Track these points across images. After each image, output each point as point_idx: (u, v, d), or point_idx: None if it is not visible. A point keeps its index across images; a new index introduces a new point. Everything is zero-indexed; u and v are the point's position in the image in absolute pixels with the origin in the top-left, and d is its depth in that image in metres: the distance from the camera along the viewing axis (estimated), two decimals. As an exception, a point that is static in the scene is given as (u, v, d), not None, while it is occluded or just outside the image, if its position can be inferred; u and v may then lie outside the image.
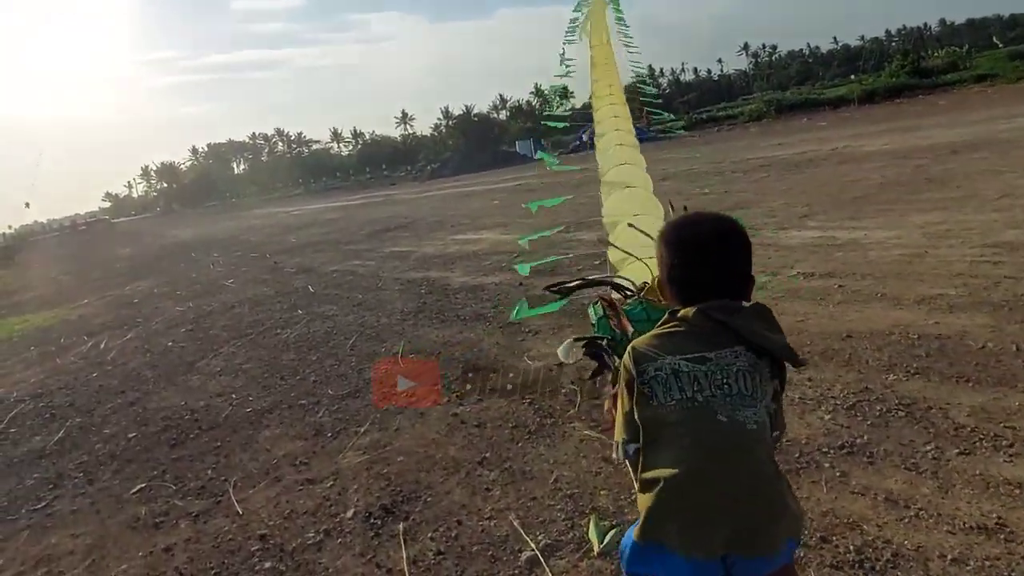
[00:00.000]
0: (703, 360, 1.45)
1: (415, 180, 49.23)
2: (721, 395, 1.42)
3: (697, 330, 1.49)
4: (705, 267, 1.54)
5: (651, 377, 1.47)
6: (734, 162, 16.82)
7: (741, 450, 1.41)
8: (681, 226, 1.63)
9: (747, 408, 1.42)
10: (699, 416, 1.42)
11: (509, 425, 4.07)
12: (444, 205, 20.12)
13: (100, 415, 5.99)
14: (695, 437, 1.42)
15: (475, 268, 9.00)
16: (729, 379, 1.43)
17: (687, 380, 1.44)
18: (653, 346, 1.51)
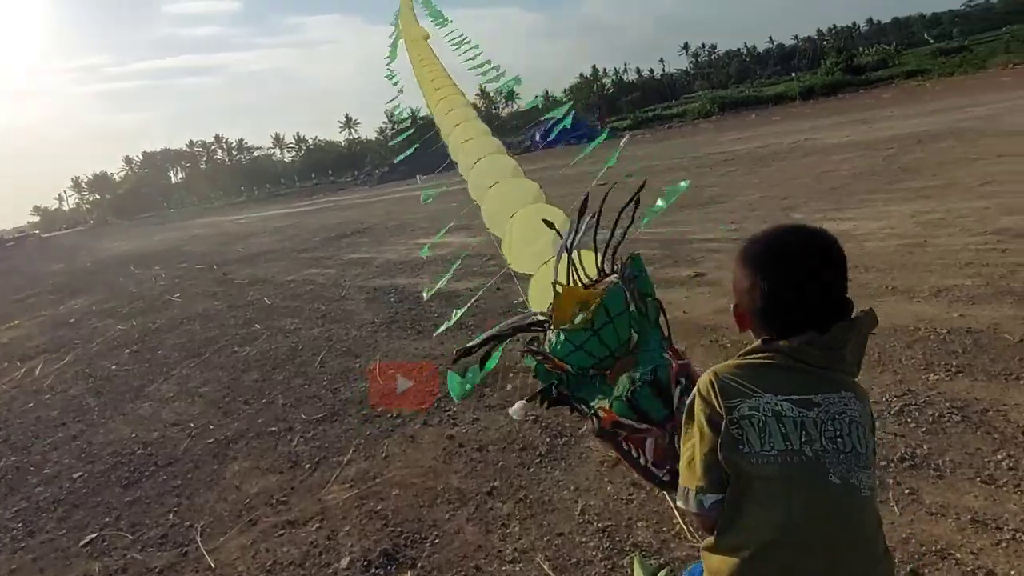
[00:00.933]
0: (810, 405, 1.18)
1: (363, 184, 48.27)
2: (834, 451, 1.16)
3: (802, 367, 1.21)
4: (808, 290, 1.23)
5: (743, 417, 1.19)
6: (695, 157, 16.74)
7: (853, 522, 1.16)
8: (773, 241, 1.30)
9: (862, 470, 1.17)
10: (806, 474, 1.15)
11: (515, 447, 3.64)
12: (400, 208, 19.50)
13: (38, 452, 5.31)
14: (801, 499, 1.15)
15: (446, 272, 8.53)
16: (842, 431, 1.17)
17: (791, 427, 1.17)
18: (745, 379, 1.22)
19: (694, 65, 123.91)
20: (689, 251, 7.06)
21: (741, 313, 1.34)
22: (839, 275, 1.26)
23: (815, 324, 1.21)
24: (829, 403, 1.19)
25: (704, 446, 1.24)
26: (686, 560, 2.52)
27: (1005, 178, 7.59)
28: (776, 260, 1.26)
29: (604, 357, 1.83)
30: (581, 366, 1.84)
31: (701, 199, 10.14)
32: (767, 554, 1.15)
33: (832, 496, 1.14)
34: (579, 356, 1.83)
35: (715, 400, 1.22)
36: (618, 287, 1.88)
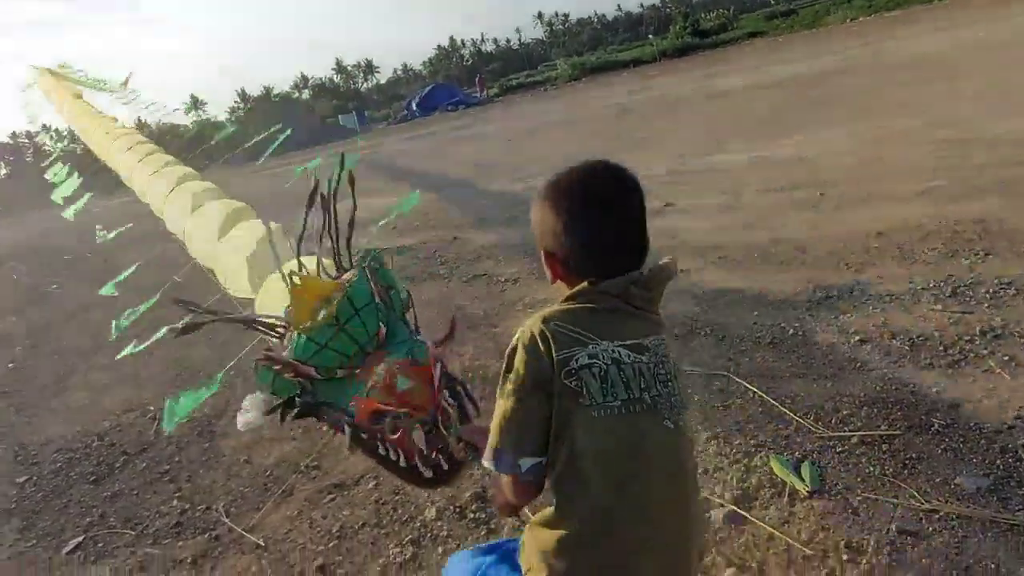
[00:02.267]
0: (642, 349, 1.14)
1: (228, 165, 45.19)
2: (667, 394, 1.14)
3: (630, 310, 1.17)
4: (628, 229, 1.20)
5: (582, 367, 1.10)
6: (591, 109, 16.88)
7: (688, 465, 1.17)
8: (587, 180, 1.22)
9: (685, 412, 1.17)
10: (645, 422, 1.11)
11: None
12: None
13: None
14: (647, 452, 1.10)
15: (383, 231, 8.03)
16: (670, 374, 1.15)
17: (632, 375, 1.12)
18: (579, 325, 1.14)
19: (549, 34, 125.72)
20: (644, 187, 7.02)
21: (555, 260, 1.22)
22: (644, 211, 1.22)
23: (635, 264, 1.18)
24: (656, 346, 1.16)
25: (527, 403, 1.13)
26: (816, 453, 2.43)
27: (918, 100, 8.14)
28: (595, 200, 1.18)
29: (353, 353, 1.72)
30: (328, 366, 1.71)
31: (629, 143, 10.19)
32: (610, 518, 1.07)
33: (674, 444, 1.13)
34: (326, 356, 1.69)
35: (545, 351, 1.11)
36: (362, 278, 1.79)
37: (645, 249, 1.21)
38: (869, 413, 2.58)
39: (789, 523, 2.14)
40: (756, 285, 3.93)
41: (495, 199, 8.31)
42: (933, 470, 2.23)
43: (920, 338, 2.96)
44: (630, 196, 1.20)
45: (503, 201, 8.05)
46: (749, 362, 3.12)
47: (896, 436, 2.42)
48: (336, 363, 1.70)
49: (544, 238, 1.22)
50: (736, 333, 3.40)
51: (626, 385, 1.10)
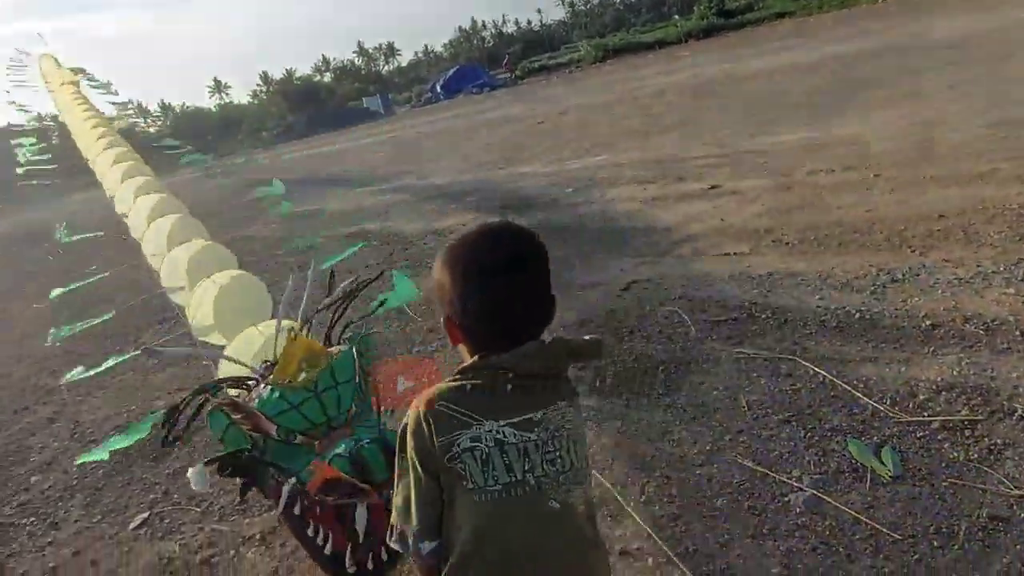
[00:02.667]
0: (531, 426, 1.12)
1: (255, 148, 45.49)
2: (554, 473, 1.12)
3: (523, 382, 1.13)
4: (523, 298, 1.14)
5: (464, 450, 1.09)
6: (621, 91, 16.68)
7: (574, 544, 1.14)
8: (481, 245, 1.17)
9: (577, 488, 1.14)
10: (528, 505, 1.09)
11: (628, 359, 3.39)
12: (319, 166, 18.34)
13: (13, 441, 4.55)
14: (523, 531, 1.10)
15: (420, 213, 8.04)
16: (561, 449, 1.13)
17: (515, 456, 1.10)
18: (463, 405, 1.12)
19: (571, 15, 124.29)
20: (687, 168, 6.95)
21: (453, 325, 1.18)
22: (546, 277, 1.17)
23: (531, 334, 1.14)
24: (548, 419, 1.13)
25: (420, 486, 1.13)
26: (896, 438, 2.39)
27: (965, 81, 7.90)
28: (487, 268, 1.12)
29: (319, 424, 1.71)
30: (291, 428, 1.72)
31: (663, 126, 10.07)
32: None
33: (552, 523, 1.10)
34: (291, 417, 1.71)
35: (429, 435, 1.10)
36: (350, 354, 1.80)
37: (545, 318, 1.17)
38: (948, 398, 2.53)
39: (873, 508, 2.11)
40: (816, 268, 3.86)
41: (535, 180, 8.26)
42: (1021, 456, 2.18)
43: (995, 323, 2.89)
44: (526, 264, 1.14)
45: (542, 183, 8.00)
46: (815, 346, 3.07)
47: (979, 422, 2.37)
48: (300, 427, 1.70)
49: (443, 302, 1.18)
50: (799, 317, 3.35)
51: (508, 468, 1.09)
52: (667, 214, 5.58)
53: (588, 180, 7.48)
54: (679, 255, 4.60)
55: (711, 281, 4.03)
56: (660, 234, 5.12)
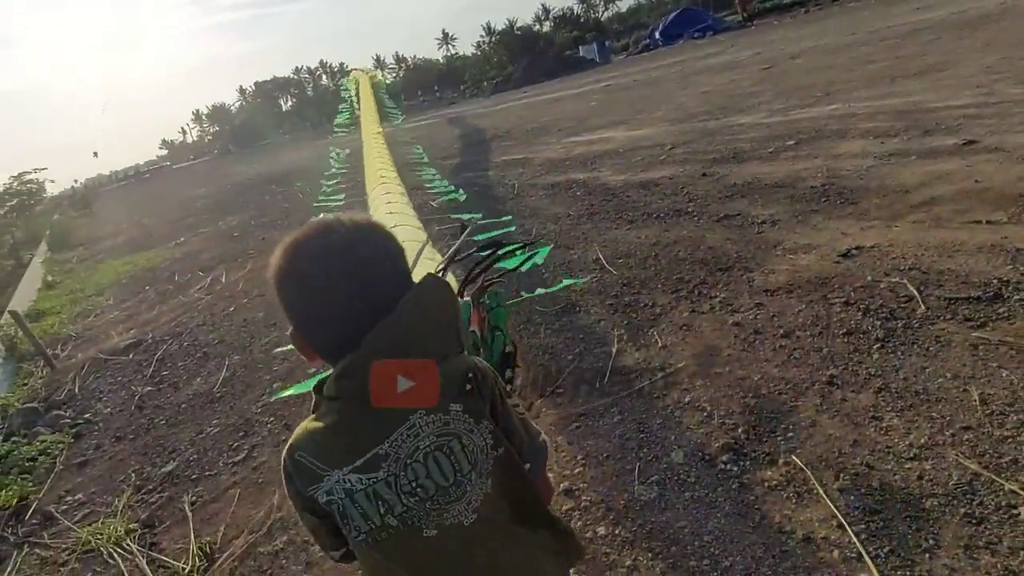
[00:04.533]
0: (376, 464, 0.97)
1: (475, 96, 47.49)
2: (417, 503, 0.98)
3: (348, 414, 0.98)
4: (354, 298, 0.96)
5: (325, 503, 0.98)
6: (870, 31, 14.74)
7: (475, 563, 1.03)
8: (293, 249, 0.98)
9: (456, 503, 1.00)
10: (403, 543, 0.99)
11: (836, 332, 3.09)
12: (533, 113, 18.71)
13: (259, 351, 5.35)
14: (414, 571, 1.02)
15: (626, 165, 7.88)
16: (419, 477, 0.98)
17: (367, 503, 0.97)
18: (311, 455, 0.99)
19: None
20: (938, 119, 6.01)
21: (298, 338, 1.02)
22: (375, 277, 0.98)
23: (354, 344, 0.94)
24: (398, 446, 0.98)
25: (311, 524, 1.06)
26: None
27: None
28: (295, 274, 0.97)
29: None
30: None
31: (913, 69, 8.75)
32: None
33: (434, 550, 1.01)
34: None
35: (300, 483, 1.00)
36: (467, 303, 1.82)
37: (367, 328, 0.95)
38: None
39: None
40: (1096, 244, 3.18)
41: (752, 132, 7.69)
42: None
43: None
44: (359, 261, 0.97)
45: (761, 135, 7.42)
46: (1086, 338, 2.56)
47: None
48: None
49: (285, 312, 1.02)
50: (1068, 302, 2.80)
51: (364, 516, 0.98)
52: (906, 172, 4.90)
53: (815, 132, 6.78)
54: (916, 220, 4.04)
55: (952, 252, 3.50)
56: (894, 195, 4.52)
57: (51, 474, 4.40)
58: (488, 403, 1.06)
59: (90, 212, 39.98)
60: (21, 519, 3.92)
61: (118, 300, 9.93)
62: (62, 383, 6.28)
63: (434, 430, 1.00)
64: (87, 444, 4.77)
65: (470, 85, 56.84)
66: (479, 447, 1.03)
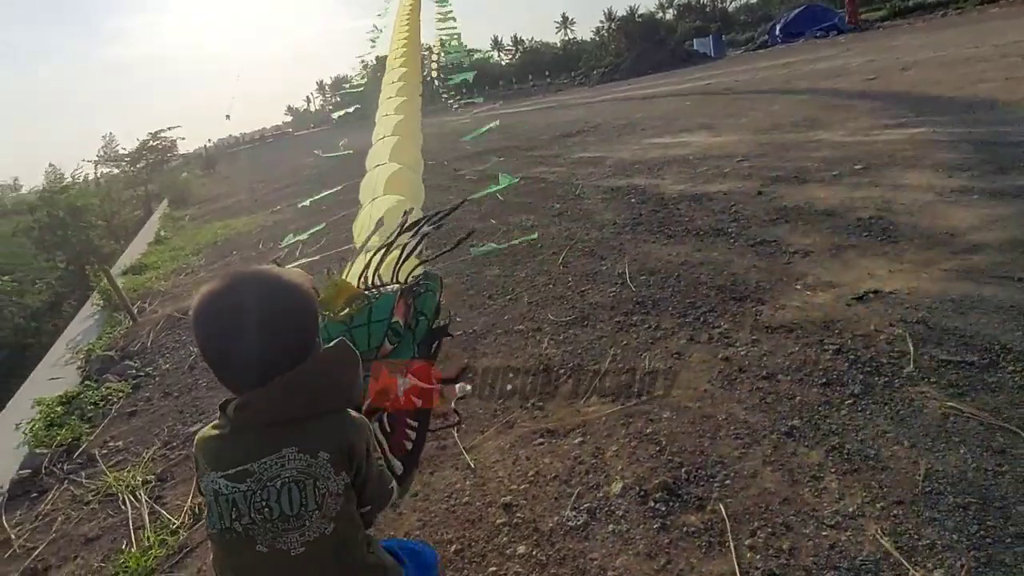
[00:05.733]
0: (244, 476, 1.19)
1: (582, 85, 47.11)
2: (262, 521, 1.18)
3: (237, 433, 1.21)
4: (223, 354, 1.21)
5: (204, 491, 1.25)
6: (996, 45, 13.52)
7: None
8: (202, 297, 1.21)
9: (294, 531, 1.19)
10: (238, 549, 1.21)
11: (815, 380, 3.01)
12: (627, 109, 18.46)
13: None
14: (236, 572, 1.25)
15: (690, 175, 7.72)
16: (271, 499, 1.18)
17: (225, 506, 1.20)
18: (201, 453, 1.26)
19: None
20: (1022, 155, 5.55)
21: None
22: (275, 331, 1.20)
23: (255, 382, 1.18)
24: (265, 469, 1.18)
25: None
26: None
27: None
28: (199, 318, 1.20)
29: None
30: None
31: (1021, 94, 8.03)
32: None
33: (259, 565, 1.20)
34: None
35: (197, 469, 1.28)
36: (390, 297, 1.85)
37: (270, 367, 1.17)
38: None
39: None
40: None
41: (826, 150, 7.35)
42: None
43: None
44: (237, 327, 1.18)
45: (833, 154, 7.08)
46: (1061, 424, 2.39)
47: None
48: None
49: None
50: (1060, 380, 2.61)
51: (220, 516, 1.20)
52: (961, 213, 4.58)
53: (887, 157, 6.41)
54: (948, 268, 3.81)
55: (969, 308, 3.30)
56: (938, 238, 4.26)
57: (104, 419, 4.93)
58: (355, 463, 1.26)
59: (213, 172, 43.02)
60: (70, 457, 4.44)
61: (208, 261, 10.78)
62: (139, 336, 6.94)
63: (298, 466, 1.19)
64: (140, 396, 5.29)
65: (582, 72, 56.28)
66: (331, 493, 1.21)
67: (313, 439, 1.22)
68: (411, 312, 1.92)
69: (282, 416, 1.21)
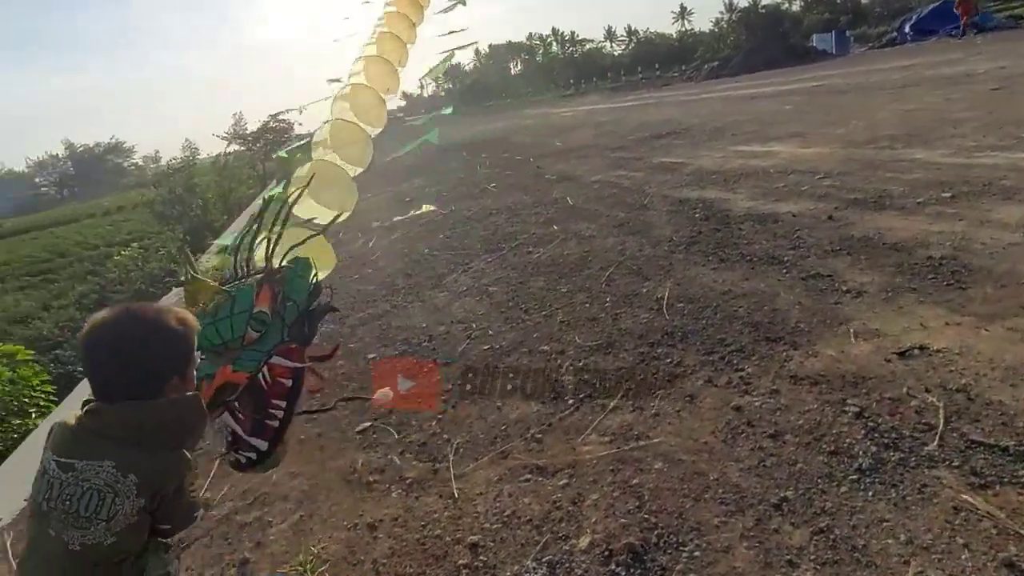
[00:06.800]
0: (68, 468, 1.44)
1: (690, 80, 45.61)
2: (61, 510, 1.43)
3: (80, 431, 1.49)
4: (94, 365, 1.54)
5: (41, 462, 1.52)
6: None
7: (52, 566, 1.44)
8: (96, 316, 1.56)
9: (77, 529, 1.42)
10: (39, 523, 1.47)
11: (823, 447, 2.76)
12: (725, 109, 17.69)
13: (350, 325, 5.84)
14: (30, 543, 1.50)
15: (765, 190, 7.29)
16: (75, 496, 1.42)
17: (44, 484, 1.47)
18: (51, 434, 1.54)
19: None
20: None
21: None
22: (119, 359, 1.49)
23: (99, 397, 1.51)
24: (84, 469, 1.43)
25: None
26: None
27: None
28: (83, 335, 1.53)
29: (217, 344, 1.92)
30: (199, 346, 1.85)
31: None
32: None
33: (45, 544, 1.45)
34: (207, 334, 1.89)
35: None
36: (249, 290, 1.98)
37: (110, 389, 1.50)
38: None
39: None
40: None
41: (918, 172, 6.72)
42: None
43: None
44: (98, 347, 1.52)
45: (924, 177, 6.47)
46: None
47: None
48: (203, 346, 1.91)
49: None
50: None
51: (39, 491, 1.48)
52: (1057, 261, 4.07)
53: (982, 185, 5.78)
54: (1013, 327, 3.38)
55: (1021, 382, 2.92)
56: (1015, 288, 3.80)
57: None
58: (158, 497, 1.50)
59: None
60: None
61: (290, 246, 11.23)
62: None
63: (107, 479, 1.43)
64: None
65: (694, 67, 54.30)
66: (124, 512, 1.44)
67: (131, 463, 1.45)
68: (279, 299, 2.03)
69: (117, 433, 1.46)
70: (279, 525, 3.11)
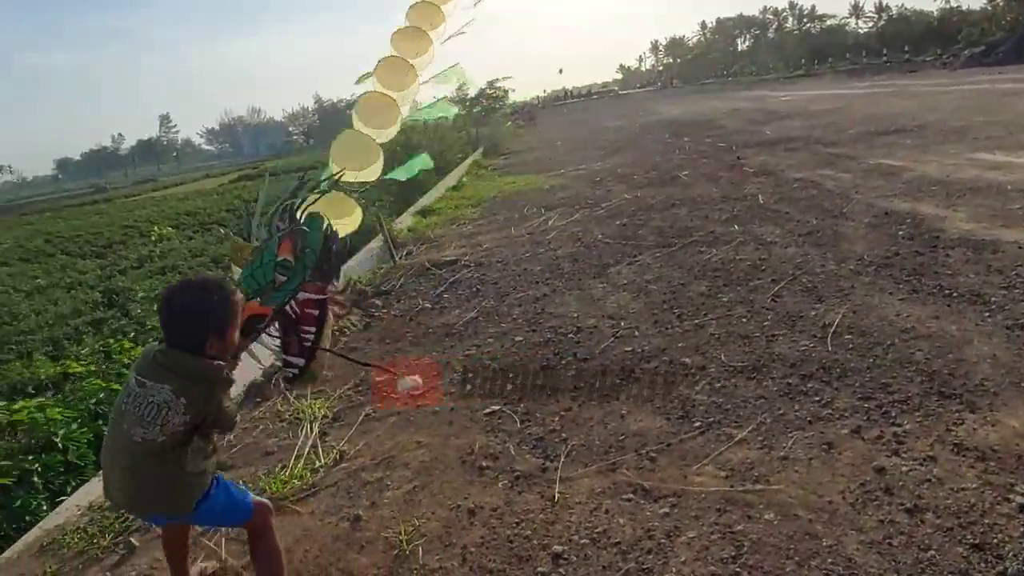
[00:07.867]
0: (143, 384, 2.12)
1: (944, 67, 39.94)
2: (133, 413, 2.11)
3: (155, 360, 2.16)
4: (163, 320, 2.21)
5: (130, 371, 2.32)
6: None
7: (124, 451, 2.16)
8: (172, 284, 2.41)
9: (141, 427, 2.09)
10: (118, 419, 2.19)
11: (967, 537, 2.37)
12: (974, 105, 15.24)
13: (507, 305, 6.02)
14: (111, 431, 2.26)
15: (993, 211, 6.25)
16: (143, 405, 2.09)
17: (125, 392, 2.20)
18: (142, 355, 2.28)
19: None
20: None
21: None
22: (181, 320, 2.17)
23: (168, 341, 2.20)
24: (152, 387, 2.10)
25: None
26: None
27: None
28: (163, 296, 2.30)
29: (255, 289, 2.56)
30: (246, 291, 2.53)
31: None
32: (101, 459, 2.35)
33: (120, 434, 2.16)
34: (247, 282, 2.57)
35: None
36: (272, 245, 2.62)
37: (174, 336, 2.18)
38: None
39: None
40: None
41: None
42: None
43: None
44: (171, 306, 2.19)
45: None
46: None
47: None
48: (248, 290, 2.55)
49: None
50: None
51: (122, 397, 2.20)
52: None
53: None
54: None
55: None
56: None
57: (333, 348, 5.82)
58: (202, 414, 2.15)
59: (532, 125, 46.07)
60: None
61: (478, 216, 11.72)
62: (394, 277, 7.95)
63: (164, 397, 2.09)
64: (365, 335, 6.12)
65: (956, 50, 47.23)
66: (172, 422, 2.09)
67: (182, 389, 2.09)
68: (299, 248, 2.63)
69: (174, 368, 2.13)
70: (395, 490, 3.35)
